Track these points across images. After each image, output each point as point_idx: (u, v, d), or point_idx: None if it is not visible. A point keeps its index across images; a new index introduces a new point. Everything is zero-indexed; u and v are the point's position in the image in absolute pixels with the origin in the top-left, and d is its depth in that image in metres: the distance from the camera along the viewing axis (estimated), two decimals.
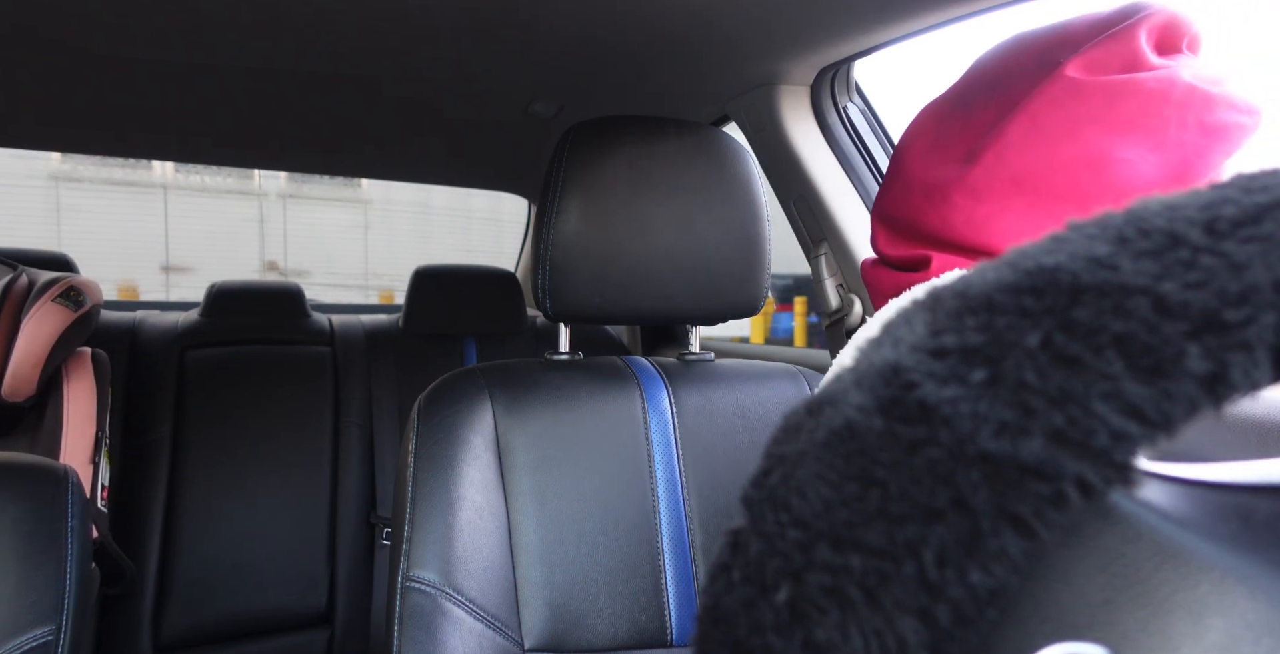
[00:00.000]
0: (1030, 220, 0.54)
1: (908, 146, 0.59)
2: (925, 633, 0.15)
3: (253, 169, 1.82)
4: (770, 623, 0.16)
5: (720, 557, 0.18)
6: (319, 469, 1.55)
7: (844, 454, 0.16)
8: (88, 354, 1.14)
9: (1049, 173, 0.54)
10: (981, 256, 0.54)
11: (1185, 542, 0.15)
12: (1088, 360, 0.15)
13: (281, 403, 1.57)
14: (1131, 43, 0.52)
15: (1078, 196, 0.53)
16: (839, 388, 0.18)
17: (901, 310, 0.19)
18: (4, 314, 0.95)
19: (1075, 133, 0.53)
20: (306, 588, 1.49)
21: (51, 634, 0.66)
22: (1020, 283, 0.16)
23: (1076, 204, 0.53)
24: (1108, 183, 0.52)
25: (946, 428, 0.15)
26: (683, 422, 0.78)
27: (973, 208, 0.55)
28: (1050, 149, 0.54)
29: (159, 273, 5.80)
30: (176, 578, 1.42)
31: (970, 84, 0.59)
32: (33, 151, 1.52)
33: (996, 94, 0.56)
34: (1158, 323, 0.15)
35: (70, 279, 1.03)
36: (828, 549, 0.16)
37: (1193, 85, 0.49)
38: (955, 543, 0.15)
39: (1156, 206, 0.17)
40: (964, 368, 0.16)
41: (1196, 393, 0.14)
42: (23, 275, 0.99)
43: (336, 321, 1.77)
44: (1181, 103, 0.50)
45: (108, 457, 1.13)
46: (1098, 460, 0.14)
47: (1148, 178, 0.50)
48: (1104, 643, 0.15)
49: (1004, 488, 0.15)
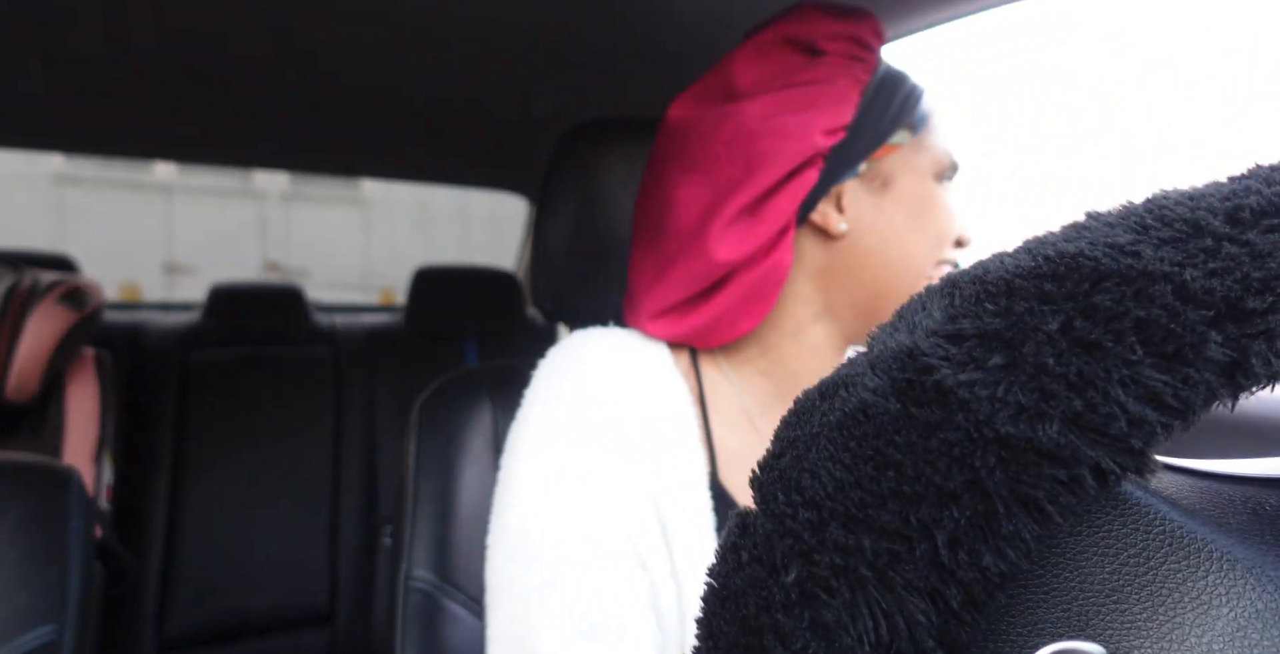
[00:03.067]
0: (639, 257, 0.57)
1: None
2: (935, 615, 0.15)
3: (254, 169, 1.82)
4: (779, 602, 0.16)
5: (728, 537, 0.18)
6: (321, 469, 1.55)
7: (858, 436, 0.16)
8: (90, 355, 1.15)
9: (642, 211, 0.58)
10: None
11: (1195, 532, 0.15)
12: (1108, 345, 0.15)
13: (283, 403, 1.57)
14: (723, 75, 0.54)
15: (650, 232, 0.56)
16: (853, 371, 0.18)
17: (916, 296, 0.19)
18: (7, 315, 0.95)
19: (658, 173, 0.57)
20: (308, 587, 1.49)
21: (55, 633, 0.66)
22: (1040, 268, 0.16)
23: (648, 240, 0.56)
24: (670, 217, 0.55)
25: (964, 411, 0.15)
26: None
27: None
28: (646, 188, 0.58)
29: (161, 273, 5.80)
30: (179, 577, 1.42)
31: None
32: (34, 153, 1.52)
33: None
34: (1180, 309, 0.15)
35: (72, 280, 1.03)
36: (839, 529, 0.16)
37: (739, 123, 0.51)
38: (969, 525, 0.15)
39: (1177, 196, 0.17)
40: (982, 352, 0.16)
41: (1216, 381, 0.14)
42: (25, 277, 0.99)
43: (338, 322, 1.77)
44: (729, 140, 0.51)
45: (110, 456, 1.13)
46: (1115, 446, 0.14)
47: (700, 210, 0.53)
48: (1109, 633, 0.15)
49: (1020, 471, 0.15)
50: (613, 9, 0.81)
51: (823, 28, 0.53)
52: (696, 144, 0.53)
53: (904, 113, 0.53)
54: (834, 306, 0.56)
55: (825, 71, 0.51)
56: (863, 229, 0.53)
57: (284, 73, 1.03)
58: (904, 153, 0.54)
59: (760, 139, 0.50)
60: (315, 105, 1.19)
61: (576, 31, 0.87)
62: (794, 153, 0.50)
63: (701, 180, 0.52)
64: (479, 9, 0.81)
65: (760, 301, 0.53)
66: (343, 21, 0.85)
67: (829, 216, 0.53)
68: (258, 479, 1.51)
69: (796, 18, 0.54)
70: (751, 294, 0.52)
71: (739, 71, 0.53)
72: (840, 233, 0.53)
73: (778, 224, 0.51)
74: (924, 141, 0.55)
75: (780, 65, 0.53)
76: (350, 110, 1.21)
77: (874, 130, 0.52)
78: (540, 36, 0.89)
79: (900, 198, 0.54)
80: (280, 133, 1.36)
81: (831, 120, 0.51)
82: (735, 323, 0.53)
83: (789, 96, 0.51)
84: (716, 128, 0.52)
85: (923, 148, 0.55)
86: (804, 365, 0.56)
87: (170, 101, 1.16)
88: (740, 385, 0.57)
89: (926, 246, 0.54)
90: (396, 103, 1.17)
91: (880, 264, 0.54)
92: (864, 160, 0.53)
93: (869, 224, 0.53)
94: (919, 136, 0.54)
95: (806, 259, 0.55)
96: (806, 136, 0.50)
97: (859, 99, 0.52)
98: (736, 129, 0.51)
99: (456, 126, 1.30)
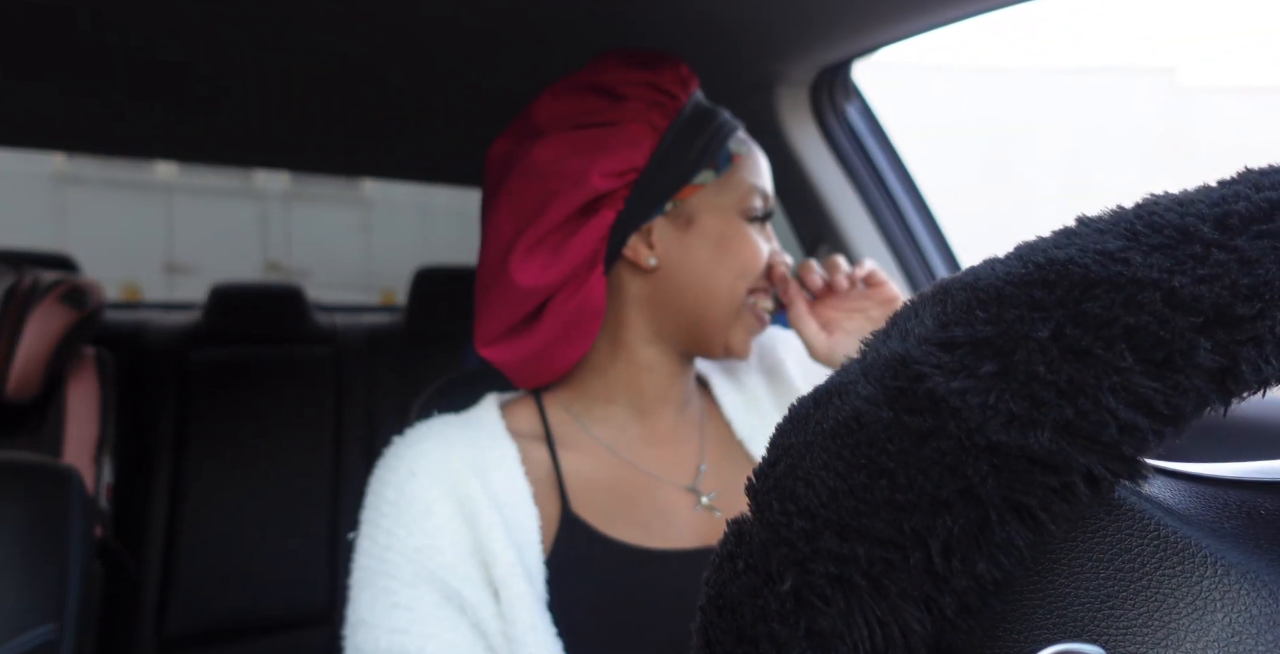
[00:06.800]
0: (476, 286, 0.61)
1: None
2: (930, 623, 0.15)
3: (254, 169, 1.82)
4: (775, 611, 0.16)
5: (724, 546, 0.18)
6: (321, 468, 1.55)
7: (852, 444, 0.16)
8: (91, 355, 1.15)
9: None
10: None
11: (1189, 536, 0.15)
12: (1099, 353, 0.15)
13: (283, 403, 1.57)
14: (529, 114, 0.59)
15: (479, 262, 0.61)
16: (846, 379, 0.18)
17: (910, 303, 0.19)
18: (8, 314, 0.95)
19: (482, 205, 0.61)
20: (308, 586, 1.49)
21: (54, 632, 0.66)
22: (1031, 276, 0.16)
23: (478, 270, 0.61)
24: (484, 247, 0.59)
25: (955, 419, 0.15)
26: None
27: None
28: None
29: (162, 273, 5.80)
30: (179, 576, 1.42)
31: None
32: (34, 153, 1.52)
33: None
34: (1169, 316, 0.15)
35: (72, 280, 1.03)
36: (834, 538, 0.16)
37: (532, 162, 0.55)
38: (962, 533, 0.15)
39: (1167, 202, 0.17)
40: (974, 359, 0.16)
41: (1206, 387, 0.14)
42: (26, 276, 0.99)
43: (338, 322, 1.77)
44: (524, 177, 0.56)
45: (110, 456, 1.13)
46: (1106, 453, 0.14)
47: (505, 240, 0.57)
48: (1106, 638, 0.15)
49: (1012, 479, 0.15)
50: (613, 10, 0.81)
51: (622, 75, 0.57)
52: (503, 178, 0.57)
53: (707, 154, 0.57)
54: (661, 331, 0.60)
55: (619, 114, 0.55)
56: (672, 263, 0.57)
57: (284, 73, 1.03)
58: (707, 192, 0.58)
59: (547, 179, 0.55)
60: (315, 105, 1.19)
61: (577, 31, 0.87)
62: (575, 194, 0.54)
63: (506, 213, 0.56)
64: (479, 9, 0.81)
65: (580, 329, 0.57)
66: (343, 21, 0.85)
67: (639, 251, 0.57)
68: (258, 479, 1.51)
69: (600, 65, 0.59)
70: (570, 322, 0.56)
71: (539, 111, 0.58)
72: (650, 267, 0.57)
73: (581, 256, 0.55)
74: (729, 180, 0.58)
75: (578, 107, 0.57)
76: (350, 110, 1.21)
77: (675, 171, 0.56)
78: (540, 37, 0.89)
79: (704, 234, 0.57)
80: (280, 133, 1.36)
81: (617, 164, 0.55)
82: (562, 350, 0.58)
83: (579, 138, 0.55)
84: (518, 163, 0.56)
85: (727, 186, 0.58)
86: (645, 381, 0.61)
87: (170, 101, 1.16)
88: (586, 418, 0.61)
89: (730, 279, 0.58)
90: (397, 103, 1.17)
91: (692, 295, 0.58)
92: (669, 200, 0.57)
93: (676, 259, 0.57)
94: (723, 176, 0.58)
95: (629, 290, 0.59)
96: (585, 179, 0.54)
97: (654, 142, 0.56)
98: (529, 167, 0.55)
99: (456, 126, 1.30)
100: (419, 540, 0.52)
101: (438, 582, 0.51)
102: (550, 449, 0.59)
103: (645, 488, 0.60)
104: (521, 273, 0.55)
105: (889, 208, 1.08)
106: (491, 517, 0.52)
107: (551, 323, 0.57)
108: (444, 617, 0.50)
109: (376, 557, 0.52)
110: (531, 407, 0.63)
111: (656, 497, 0.59)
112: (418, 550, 0.51)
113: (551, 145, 0.55)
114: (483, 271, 0.59)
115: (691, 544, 0.57)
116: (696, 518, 0.59)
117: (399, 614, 0.50)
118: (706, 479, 0.62)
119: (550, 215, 0.54)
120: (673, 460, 0.62)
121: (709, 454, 0.63)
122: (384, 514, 0.53)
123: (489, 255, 0.58)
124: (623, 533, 0.56)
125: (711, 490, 0.61)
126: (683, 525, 0.59)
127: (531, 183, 0.55)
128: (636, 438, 0.62)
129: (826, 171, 1.07)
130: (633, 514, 0.58)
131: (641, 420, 0.62)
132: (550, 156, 0.55)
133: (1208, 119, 9.50)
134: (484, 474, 0.54)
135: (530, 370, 0.60)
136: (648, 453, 0.61)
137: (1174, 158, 9.18)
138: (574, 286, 0.56)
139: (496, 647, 0.50)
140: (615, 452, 0.61)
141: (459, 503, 0.53)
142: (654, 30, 0.86)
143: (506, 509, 0.54)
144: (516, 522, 0.53)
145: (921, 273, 1.06)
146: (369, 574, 0.52)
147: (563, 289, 0.56)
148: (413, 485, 0.53)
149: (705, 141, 0.57)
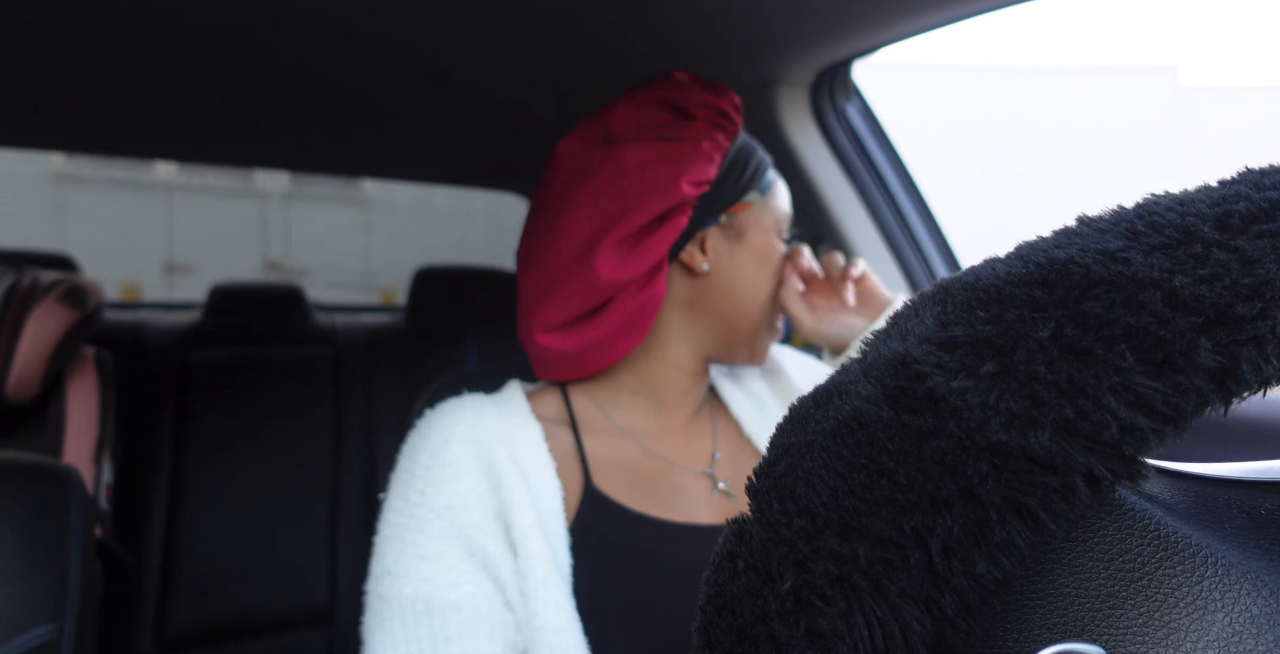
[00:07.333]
0: (526, 277, 0.64)
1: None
2: (930, 623, 0.15)
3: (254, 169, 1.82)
4: (775, 611, 0.16)
5: (724, 545, 0.18)
6: (321, 469, 1.55)
7: (852, 444, 0.16)
8: (91, 354, 1.15)
9: (530, 234, 0.65)
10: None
11: (1190, 536, 0.15)
12: (1099, 353, 0.15)
13: (284, 403, 1.57)
14: (604, 120, 0.62)
15: (537, 253, 0.63)
16: (846, 379, 0.18)
17: (909, 303, 0.19)
18: (8, 314, 0.95)
19: (547, 199, 0.64)
20: (308, 586, 1.49)
21: (54, 632, 0.66)
22: (1031, 275, 0.16)
23: (536, 261, 0.63)
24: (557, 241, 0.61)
25: (956, 418, 0.15)
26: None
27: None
28: (534, 213, 0.65)
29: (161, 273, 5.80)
30: (179, 576, 1.42)
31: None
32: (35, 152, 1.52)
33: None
34: (1169, 316, 0.15)
35: (72, 279, 1.03)
36: (834, 538, 0.16)
37: (619, 164, 0.59)
38: (962, 533, 0.15)
39: (1168, 202, 0.17)
40: (974, 359, 0.16)
41: (1206, 387, 0.14)
42: (26, 276, 0.99)
43: (338, 322, 1.77)
44: (609, 178, 0.59)
45: (110, 456, 1.13)
46: (1107, 453, 0.14)
47: (585, 235, 0.60)
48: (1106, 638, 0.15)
49: (1012, 479, 0.15)
50: (613, 10, 0.81)
51: (694, 96, 0.62)
52: (580, 178, 0.61)
53: (756, 177, 0.64)
54: (695, 332, 0.65)
55: (689, 132, 0.60)
56: (720, 270, 0.63)
57: (284, 73, 1.03)
58: (755, 210, 0.64)
59: (637, 181, 0.59)
60: (315, 105, 1.19)
61: (577, 32, 0.87)
62: (664, 198, 0.59)
63: (585, 210, 0.60)
64: (479, 9, 0.81)
65: (637, 327, 0.61)
66: (343, 21, 0.85)
67: (695, 256, 0.62)
68: (258, 479, 1.50)
69: (672, 83, 0.63)
70: (630, 320, 0.61)
71: (617, 119, 0.61)
72: (703, 272, 0.62)
73: (653, 259, 0.59)
74: (769, 203, 0.65)
75: (654, 119, 0.61)
76: (351, 110, 1.21)
77: (733, 188, 0.62)
78: (540, 37, 0.89)
79: (751, 246, 0.64)
80: (280, 133, 1.36)
81: (698, 174, 0.60)
82: (614, 345, 0.62)
83: (664, 148, 0.60)
84: (601, 165, 0.60)
85: (768, 208, 0.65)
86: (671, 377, 0.65)
87: (170, 101, 1.16)
88: (609, 406, 0.66)
89: (771, 289, 0.66)
90: (397, 103, 1.17)
91: (733, 300, 0.64)
92: (724, 213, 0.63)
93: (725, 266, 0.63)
94: (765, 198, 0.65)
95: (676, 291, 0.64)
96: (675, 186, 0.59)
97: (721, 160, 0.61)
98: (616, 169, 0.59)
99: (456, 126, 1.30)
100: (449, 499, 0.56)
101: (464, 538, 0.55)
102: (574, 431, 0.63)
103: (664, 471, 0.63)
104: (605, 266, 0.59)
105: (889, 208, 1.08)
106: (515, 481, 0.56)
107: (616, 316, 0.60)
108: (467, 569, 0.54)
109: (407, 513, 0.56)
110: (556, 395, 0.66)
111: (675, 479, 0.63)
112: (447, 508, 0.55)
113: (640, 151, 0.59)
114: (553, 261, 0.61)
115: (710, 522, 0.61)
116: (714, 500, 0.63)
117: (425, 565, 0.54)
118: (721, 467, 0.66)
119: (639, 215, 0.58)
120: (689, 449, 0.66)
121: (722, 446, 0.67)
122: (416, 476, 0.57)
123: (564, 246, 0.60)
124: (644, 506, 0.60)
125: (727, 478, 0.65)
126: (701, 506, 0.63)
127: (620, 183, 0.59)
128: (655, 428, 0.66)
129: (826, 171, 1.07)
130: (653, 492, 0.61)
131: (660, 414, 0.66)
132: (641, 160, 0.59)
133: (1208, 119, 9.51)
134: (511, 445, 0.58)
135: (581, 361, 0.62)
136: (666, 441, 0.65)
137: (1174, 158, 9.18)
138: (642, 283, 0.60)
139: (513, 601, 0.54)
140: (635, 438, 0.64)
141: (486, 469, 0.57)
142: (655, 31, 0.86)
143: (530, 478, 0.57)
144: (540, 491, 0.57)
145: (921, 273, 1.07)
146: (398, 530, 0.56)
147: (632, 285, 0.60)
148: (446, 451, 0.57)
149: (755, 166, 0.64)
